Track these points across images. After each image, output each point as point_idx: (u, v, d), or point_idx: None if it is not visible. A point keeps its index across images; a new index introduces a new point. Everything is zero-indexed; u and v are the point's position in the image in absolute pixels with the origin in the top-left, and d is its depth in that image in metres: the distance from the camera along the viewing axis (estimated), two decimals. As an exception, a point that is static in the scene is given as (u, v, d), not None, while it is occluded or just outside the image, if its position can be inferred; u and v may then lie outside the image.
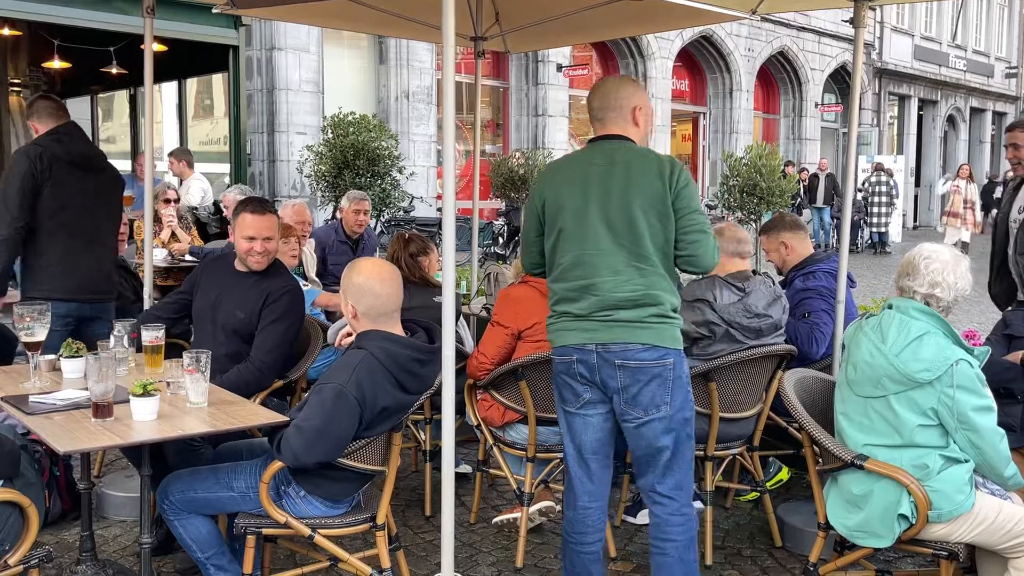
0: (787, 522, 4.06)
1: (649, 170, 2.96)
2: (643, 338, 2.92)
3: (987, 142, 30.20)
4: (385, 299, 2.98)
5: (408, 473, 4.81)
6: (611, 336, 2.93)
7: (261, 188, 12.48)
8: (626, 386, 2.95)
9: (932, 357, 2.83)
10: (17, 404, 3.02)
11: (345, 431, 2.86)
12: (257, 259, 3.73)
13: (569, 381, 3.04)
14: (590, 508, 3.11)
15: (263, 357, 3.65)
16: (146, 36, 4.49)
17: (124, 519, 4.13)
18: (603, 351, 2.94)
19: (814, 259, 4.43)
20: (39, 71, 12.92)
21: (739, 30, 19.92)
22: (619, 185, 2.96)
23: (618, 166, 2.98)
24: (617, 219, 2.94)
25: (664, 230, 2.95)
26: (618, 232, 2.94)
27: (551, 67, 16.48)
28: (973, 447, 2.85)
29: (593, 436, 3.07)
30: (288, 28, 12.34)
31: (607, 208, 2.95)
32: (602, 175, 2.98)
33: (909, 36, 25.83)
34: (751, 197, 13.15)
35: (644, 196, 2.93)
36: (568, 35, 6.29)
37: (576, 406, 3.06)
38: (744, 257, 3.90)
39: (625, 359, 2.92)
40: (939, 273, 2.94)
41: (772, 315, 3.79)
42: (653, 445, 2.99)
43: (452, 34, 2.91)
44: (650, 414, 2.96)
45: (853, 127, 4.28)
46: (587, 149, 3.11)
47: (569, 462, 3.13)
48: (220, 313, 3.74)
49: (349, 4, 4.80)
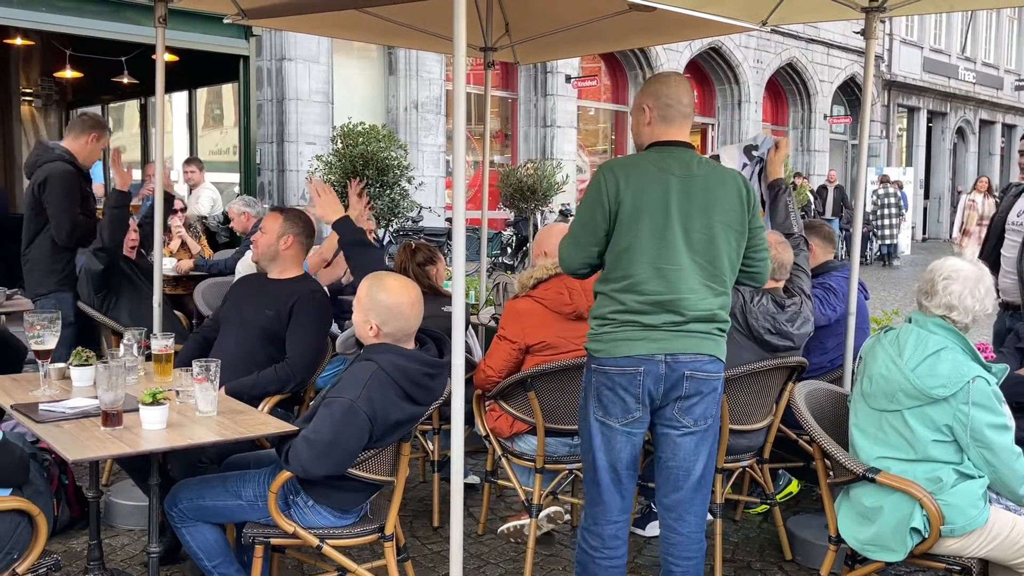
0: (797, 535, 4.03)
1: (729, 187, 2.89)
2: (710, 349, 2.88)
3: (996, 154, 30.12)
4: (414, 321, 2.98)
5: (416, 483, 4.80)
6: (681, 346, 2.84)
7: (271, 198, 12.52)
8: (688, 395, 2.87)
9: (949, 373, 2.80)
10: (27, 412, 3.02)
11: (355, 445, 2.86)
12: (253, 248, 3.99)
13: (623, 395, 2.87)
14: (619, 522, 3.01)
15: (298, 358, 3.71)
16: (158, 46, 4.51)
17: (132, 528, 4.13)
18: (672, 361, 2.84)
19: (829, 266, 4.42)
20: (51, 81, 13.00)
21: (748, 41, 19.94)
22: (700, 201, 2.85)
23: (697, 179, 2.86)
24: (698, 236, 2.84)
25: (738, 248, 2.92)
26: (697, 250, 2.85)
27: (560, 78, 16.50)
28: (988, 465, 2.82)
29: (631, 453, 2.96)
30: (298, 39, 12.40)
31: (689, 224, 2.84)
32: (683, 188, 2.85)
33: (918, 48, 25.81)
34: (760, 208, 13.11)
35: (725, 215, 2.87)
36: (577, 46, 6.31)
37: (623, 422, 2.90)
38: (779, 281, 3.88)
39: (694, 370, 2.85)
40: (956, 296, 2.90)
41: (794, 340, 3.79)
42: (692, 457, 2.93)
43: (463, 45, 2.89)
44: (699, 425, 2.91)
45: (864, 139, 4.26)
46: (659, 154, 2.92)
47: (601, 478, 2.96)
48: (248, 312, 3.82)
49: (359, 15, 4.81)
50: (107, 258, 4.70)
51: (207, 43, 8.80)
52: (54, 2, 7.81)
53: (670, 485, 2.98)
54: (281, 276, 3.89)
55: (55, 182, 4.75)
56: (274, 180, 12.72)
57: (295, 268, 3.92)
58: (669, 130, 2.94)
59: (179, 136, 12.53)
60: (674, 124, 2.94)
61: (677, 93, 2.95)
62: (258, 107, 11.67)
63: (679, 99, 2.94)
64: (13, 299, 5.41)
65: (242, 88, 9.41)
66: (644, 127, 2.98)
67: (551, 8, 5.02)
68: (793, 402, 3.18)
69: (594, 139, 18.78)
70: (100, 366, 2.91)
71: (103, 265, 4.68)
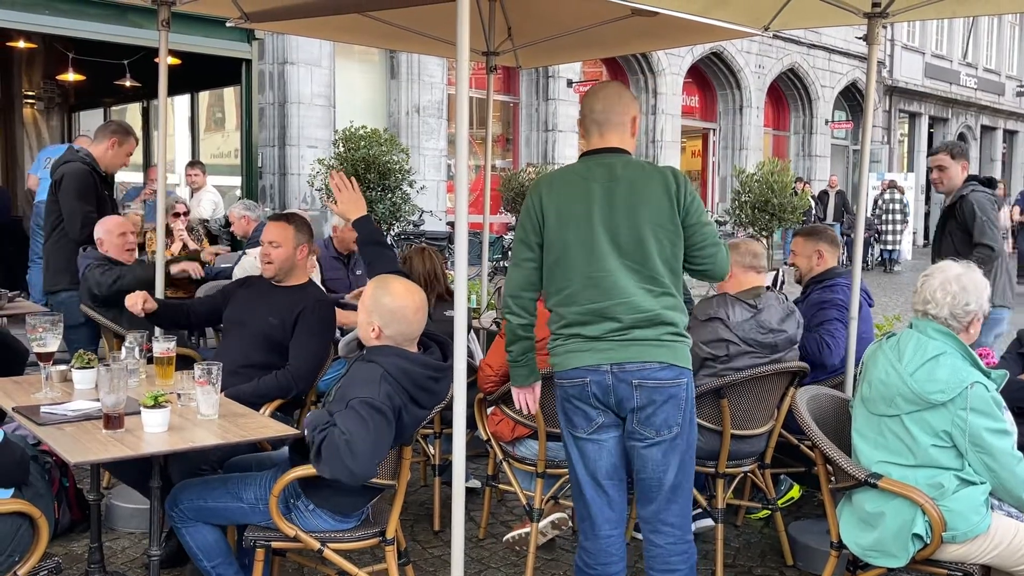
0: (799, 540, 4.03)
1: (655, 187, 2.87)
2: (660, 356, 2.84)
3: (998, 160, 30.12)
4: (416, 326, 2.98)
5: (417, 487, 4.80)
6: (627, 355, 2.83)
7: (272, 201, 12.52)
8: (642, 406, 2.85)
9: (947, 378, 2.80)
10: (28, 414, 3.02)
11: (387, 442, 2.85)
12: (265, 265, 3.86)
13: (580, 405, 2.90)
14: (611, 536, 2.98)
15: (300, 365, 3.72)
16: (161, 49, 4.51)
17: (133, 531, 4.12)
18: (619, 371, 2.83)
19: (835, 272, 4.41)
20: (54, 83, 13.00)
21: (749, 47, 19.95)
22: (624, 204, 2.85)
23: (621, 183, 2.87)
24: (625, 240, 2.85)
25: (673, 247, 2.89)
26: (626, 253, 2.85)
27: (561, 82, 16.52)
28: (988, 470, 2.82)
29: (608, 460, 2.94)
30: (300, 42, 12.42)
31: (614, 228, 2.85)
32: (605, 193, 2.87)
33: (920, 54, 25.83)
34: (763, 213, 13.13)
35: (652, 215, 2.85)
36: (579, 51, 6.31)
37: (589, 431, 2.92)
38: (759, 272, 3.87)
39: (643, 378, 2.83)
40: (930, 290, 2.91)
41: (787, 330, 3.77)
42: (660, 467, 2.90)
43: (467, 49, 2.89)
44: (662, 435, 2.87)
45: (866, 144, 4.26)
46: (584, 164, 2.97)
47: (585, 490, 2.96)
48: (252, 319, 3.82)
49: (362, 19, 4.82)
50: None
51: (209, 46, 8.81)
52: (57, 5, 7.82)
53: (644, 497, 2.97)
54: (287, 283, 3.89)
55: (68, 180, 5.02)
56: (275, 184, 12.73)
57: (303, 275, 3.92)
58: (593, 139, 2.97)
59: (181, 139, 12.54)
60: (594, 133, 2.96)
61: (590, 102, 2.99)
62: (260, 110, 11.67)
63: (591, 107, 2.98)
64: (15, 301, 5.42)
65: (244, 91, 9.41)
66: (581, 140, 3.05)
67: (553, 12, 5.02)
68: (795, 407, 3.18)
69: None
70: (102, 369, 2.91)
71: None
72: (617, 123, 2.96)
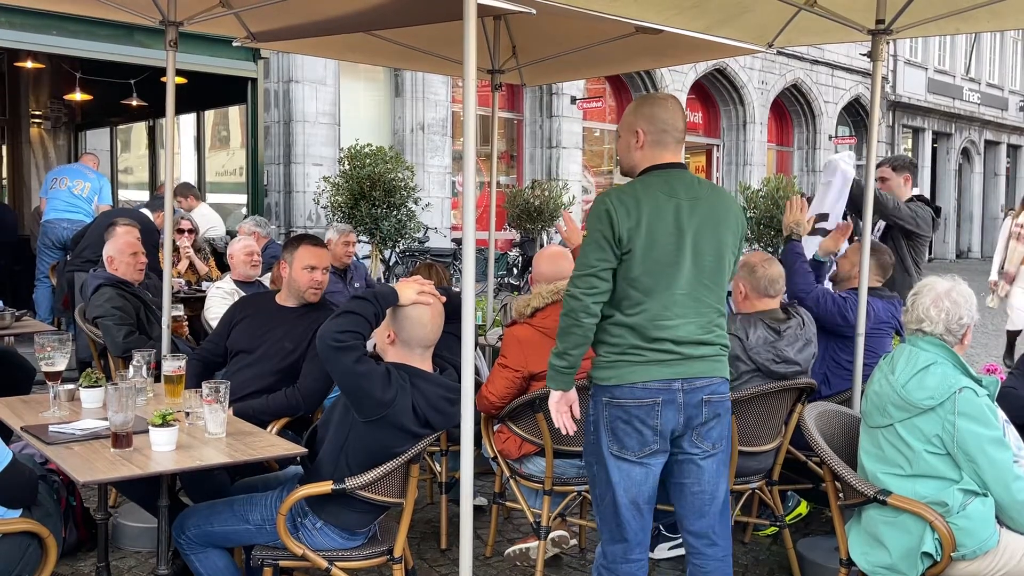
0: (807, 558, 4.01)
1: (732, 209, 2.91)
2: (722, 371, 2.88)
3: (1002, 175, 30.11)
4: (431, 331, 2.99)
5: (423, 505, 4.78)
6: (697, 370, 2.80)
7: (277, 219, 12.55)
8: (707, 420, 2.84)
9: (936, 385, 2.83)
10: (36, 433, 3.02)
11: (374, 387, 2.82)
12: (315, 292, 3.84)
13: (640, 428, 2.78)
14: (642, 560, 2.92)
15: (310, 384, 3.71)
16: (168, 69, 4.53)
17: (140, 550, 4.11)
18: (689, 388, 2.79)
19: (875, 293, 4.38)
20: (60, 103, 13.08)
21: (752, 63, 20.01)
22: (710, 223, 2.82)
23: (702, 202, 2.82)
24: (708, 259, 2.82)
25: (733, 268, 2.98)
26: (706, 272, 2.83)
27: (565, 99, 16.57)
28: (981, 482, 2.80)
29: (652, 486, 2.87)
30: (305, 61, 12.48)
31: (700, 247, 2.80)
32: (691, 211, 2.80)
33: (923, 69, 25.89)
34: (768, 229, 13.12)
35: (731, 237, 2.88)
36: (584, 69, 6.34)
37: (640, 455, 2.81)
38: (774, 297, 3.86)
39: (711, 393, 2.83)
40: (923, 309, 2.95)
41: (800, 363, 3.77)
42: (714, 480, 2.90)
43: (473, 67, 2.90)
44: (717, 448, 2.89)
45: (871, 160, 4.26)
46: (662, 178, 2.83)
47: (623, 513, 2.85)
48: (265, 345, 3.79)
49: (368, 38, 4.86)
50: None
51: (215, 65, 8.87)
52: (66, 26, 7.88)
53: (696, 511, 2.92)
54: (295, 304, 3.88)
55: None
56: (281, 201, 12.76)
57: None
58: (664, 154, 2.86)
59: (187, 158, 12.59)
60: (668, 148, 2.86)
61: (673, 119, 2.87)
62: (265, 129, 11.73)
63: (675, 125, 2.87)
64: (22, 320, 5.43)
65: (250, 110, 9.47)
66: (635, 151, 2.89)
67: (558, 31, 5.04)
68: (803, 423, 3.17)
69: (599, 160, 18.82)
70: (110, 387, 2.91)
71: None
72: (677, 141, 2.90)
